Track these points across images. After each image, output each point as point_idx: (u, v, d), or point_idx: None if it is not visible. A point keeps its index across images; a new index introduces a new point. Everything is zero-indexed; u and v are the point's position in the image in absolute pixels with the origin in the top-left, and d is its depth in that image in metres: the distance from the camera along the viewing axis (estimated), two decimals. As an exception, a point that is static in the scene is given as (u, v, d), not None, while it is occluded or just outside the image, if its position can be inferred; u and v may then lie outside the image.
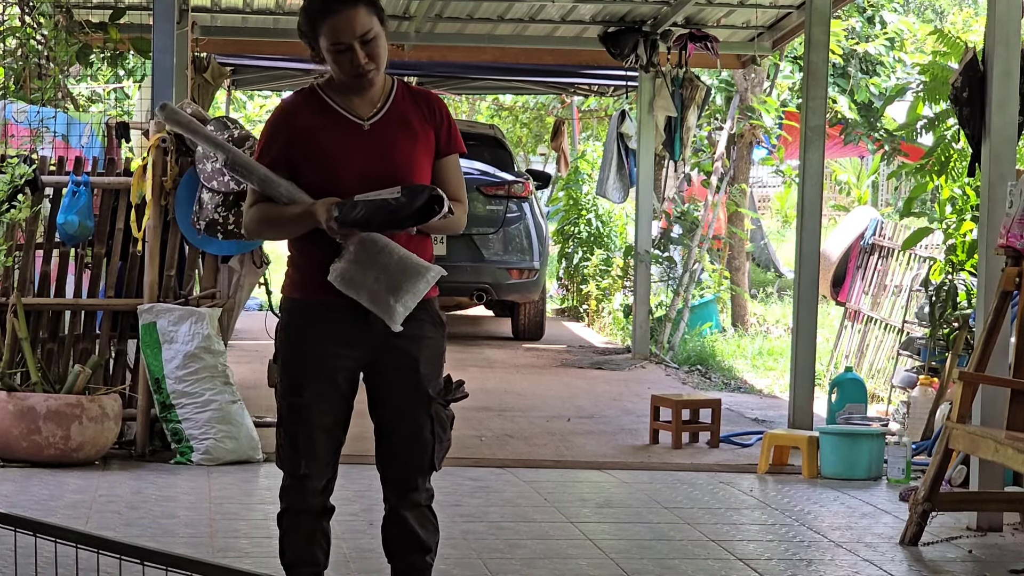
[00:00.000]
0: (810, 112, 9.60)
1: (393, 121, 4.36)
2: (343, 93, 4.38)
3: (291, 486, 4.45)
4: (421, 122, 4.39)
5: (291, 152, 4.35)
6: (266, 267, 8.88)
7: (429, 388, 4.37)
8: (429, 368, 4.38)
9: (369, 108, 4.37)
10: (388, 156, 4.33)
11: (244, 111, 26.37)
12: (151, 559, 3.28)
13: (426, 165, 4.38)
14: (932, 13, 27.25)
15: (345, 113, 4.36)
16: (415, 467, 4.39)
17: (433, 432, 4.37)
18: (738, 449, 9.29)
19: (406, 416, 4.37)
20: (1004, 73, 7.12)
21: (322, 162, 4.32)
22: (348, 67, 4.27)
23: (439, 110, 4.44)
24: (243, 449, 8.21)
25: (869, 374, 12.64)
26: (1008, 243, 6.78)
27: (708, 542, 6.61)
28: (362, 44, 4.26)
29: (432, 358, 4.40)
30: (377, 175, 4.28)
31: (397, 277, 4.23)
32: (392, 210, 4.20)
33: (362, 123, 4.35)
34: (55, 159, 8.78)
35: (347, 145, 4.33)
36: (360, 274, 4.24)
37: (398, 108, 4.39)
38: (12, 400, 7.82)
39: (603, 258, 17.76)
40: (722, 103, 16.60)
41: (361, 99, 4.37)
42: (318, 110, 4.37)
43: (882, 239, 13.65)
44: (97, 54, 11.18)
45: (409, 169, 4.33)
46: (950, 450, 6.77)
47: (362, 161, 4.32)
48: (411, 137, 4.36)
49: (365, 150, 4.33)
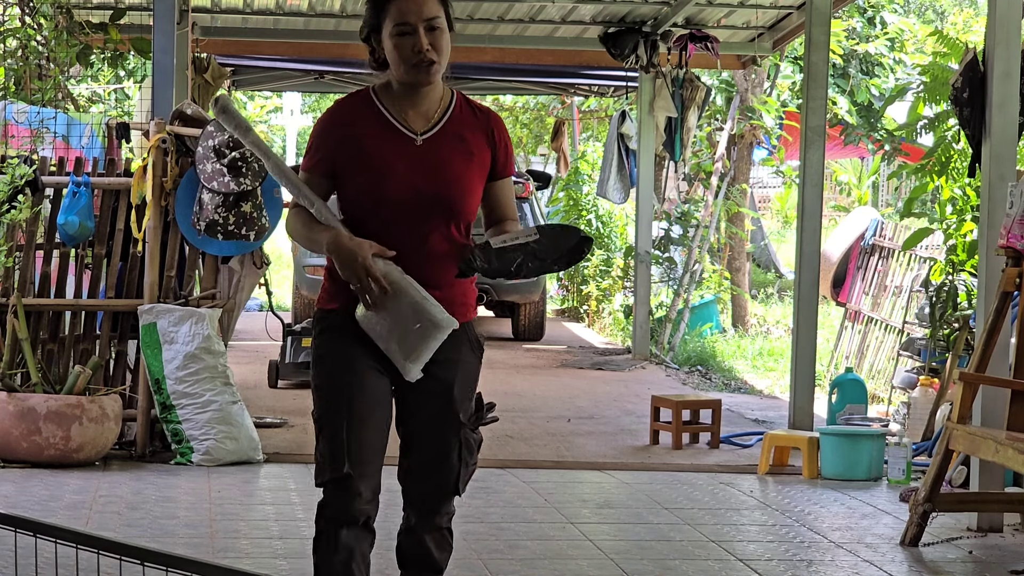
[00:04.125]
0: (810, 112, 9.60)
1: (448, 138, 4.15)
2: (399, 102, 4.16)
3: (332, 494, 4.12)
4: (477, 141, 4.19)
5: (338, 156, 4.14)
6: (266, 268, 8.87)
7: (460, 413, 4.17)
8: (462, 393, 4.19)
9: (424, 122, 4.16)
10: (439, 174, 4.10)
11: (244, 111, 26.36)
12: (151, 559, 3.28)
13: (478, 186, 4.18)
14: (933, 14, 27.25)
15: (398, 125, 4.14)
16: (439, 491, 4.22)
17: (460, 457, 4.19)
18: (738, 450, 9.29)
19: (434, 439, 4.18)
20: (1004, 74, 7.12)
21: (368, 173, 4.11)
22: (409, 53, 4.05)
23: (498, 130, 4.23)
24: (243, 449, 8.21)
25: (869, 375, 12.64)
26: (1008, 244, 6.78)
27: (708, 543, 6.61)
28: (427, 30, 4.07)
29: (466, 383, 4.20)
30: (425, 192, 4.08)
31: (409, 335, 4.03)
32: (539, 256, 3.98)
33: (415, 137, 4.13)
34: (55, 160, 8.77)
35: (396, 159, 4.10)
36: (374, 318, 4.05)
37: (454, 124, 4.18)
38: (12, 401, 7.82)
39: (603, 259, 17.76)
40: (722, 104, 16.60)
41: (417, 110, 4.16)
42: (371, 117, 4.16)
43: (882, 240, 13.65)
44: (97, 55, 11.17)
45: (460, 189, 4.12)
46: (950, 451, 6.77)
47: (410, 177, 4.09)
48: (465, 156, 4.15)
49: (415, 166, 4.10)
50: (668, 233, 15.59)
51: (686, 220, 15.64)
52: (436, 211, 4.09)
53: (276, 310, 11.40)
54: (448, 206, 4.10)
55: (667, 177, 14.40)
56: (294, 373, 11.30)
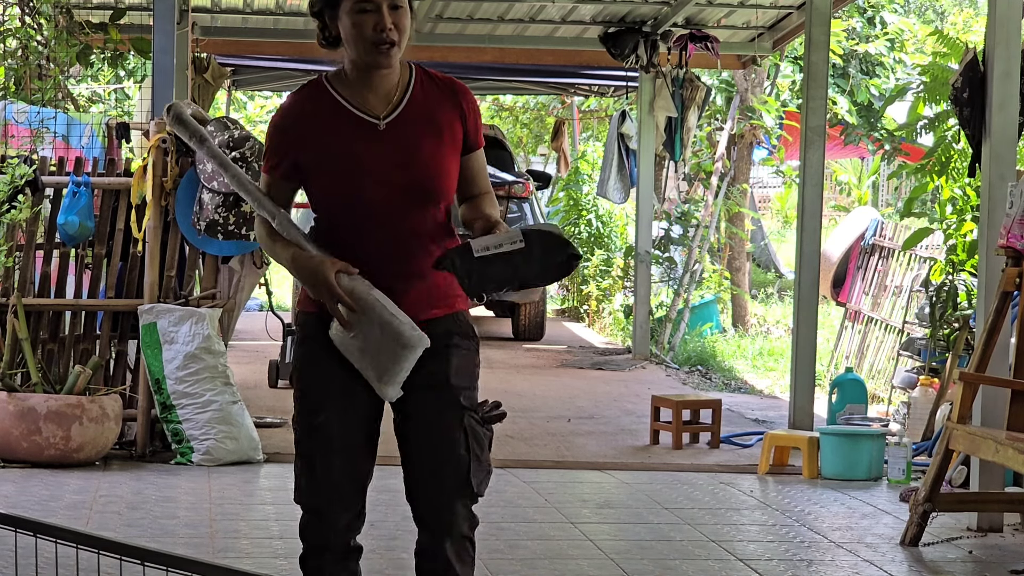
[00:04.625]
0: (810, 112, 9.60)
1: (413, 117, 3.81)
2: (354, 87, 3.83)
3: (309, 522, 3.88)
4: (446, 115, 3.84)
5: (298, 156, 3.82)
6: (266, 267, 8.87)
7: (461, 398, 3.84)
8: (460, 379, 3.85)
9: (384, 104, 3.82)
10: (411, 160, 3.78)
11: (244, 111, 26.36)
12: (151, 559, 3.28)
13: (453, 164, 3.84)
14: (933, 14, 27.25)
15: (357, 111, 3.80)
16: (451, 489, 3.82)
17: (468, 448, 3.82)
18: (738, 450, 9.29)
19: (436, 431, 3.83)
20: (1004, 73, 7.13)
21: (332, 169, 3.78)
22: (370, 31, 3.72)
23: (465, 100, 3.88)
24: (243, 449, 8.21)
25: (869, 375, 12.64)
26: (1008, 243, 6.78)
27: (708, 543, 6.61)
28: (390, 8, 3.74)
29: (463, 368, 3.87)
30: (397, 181, 3.76)
31: (380, 355, 3.74)
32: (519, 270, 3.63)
33: (377, 122, 3.79)
34: (55, 159, 8.77)
35: (360, 149, 3.77)
36: (346, 338, 3.77)
37: (418, 101, 3.83)
38: (12, 401, 7.82)
39: (603, 258, 17.76)
40: (722, 103, 16.60)
41: (375, 93, 3.81)
42: (326, 110, 3.82)
43: (882, 239, 13.65)
44: (97, 55, 11.17)
45: (434, 171, 3.79)
46: (950, 451, 6.77)
47: (378, 166, 3.77)
48: (435, 134, 3.81)
49: (384, 154, 3.78)
50: (668, 233, 15.59)
51: (686, 220, 15.63)
52: (412, 199, 3.79)
53: (276, 310, 11.39)
54: (424, 192, 3.79)
55: (667, 177, 14.40)
56: (294, 373, 11.27)
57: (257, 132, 20.64)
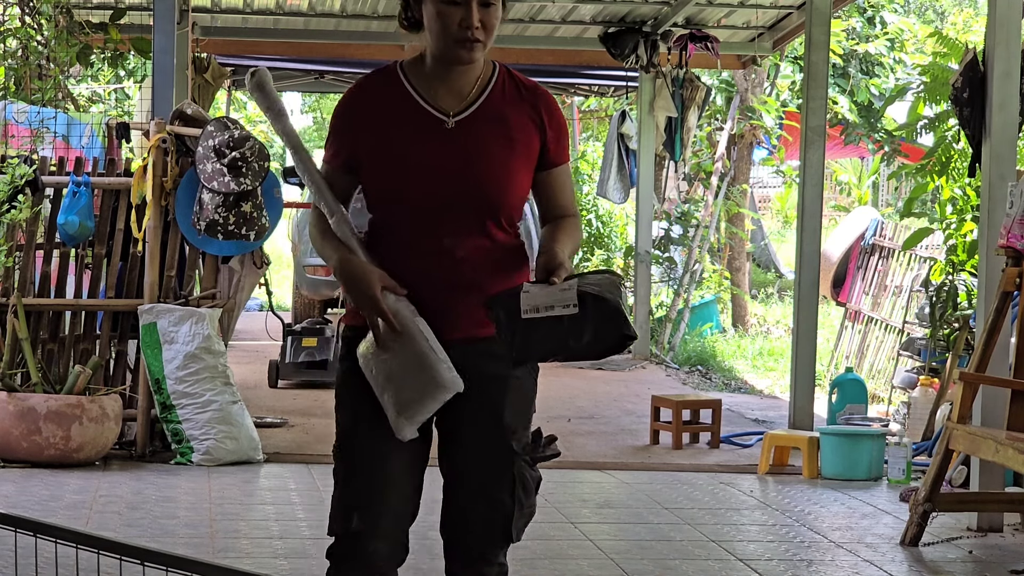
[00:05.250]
0: (810, 112, 9.60)
1: (485, 119, 3.49)
2: (427, 78, 3.51)
3: (340, 549, 3.53)
4: (521, 122, 3.52)
5: (357, 146, 3.51)
6: (266, 268, 8.88)
7: (513, 442, 3.52)
8: (515, 418, 3.53)
9: (457, 101, 3.50)
10: (475, 164, 3.46)
11: (244, 111, 26.35)
12: (151, 559, 3.28)
13: (523, 176, 3.51)
14: (932, 14, 27.24)
15: (425, 105, 3.49)
16: (488, 537, 3.60)
17: (514, 496, 3.55)
18: (738, 450, 9.29)
19: (482, 474, 3.53)
20: (1004, 73, 7.13)
21: (390, 164, 3.47)
22: (455, 27, 3.41)
23: (547, 110, 3.55)
24: (243, 449, 8.21)
25: (869, 375, 12.64)
26: (1008, 243, 6.78)
27: (708, 543, 6.61)
28: (480, 4, 3.44)
29: (520, 405, 3.54)
30: (458, 185, 3.45)
31: (406, 388, 3.43)
32: (567, 342, 3.32)
33: (445, 119, 3.48)
34: (55, 159, 8.77)
35: (423, 147, 3.46)
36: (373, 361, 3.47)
37: (494, 103, 3.52)
38: (12, 400, 7.82)
39: (603, 259, 17.76)
40: (722, 103, 16.60)
41: (449, 88, 3.50)
42: (395, 97, 3.50)
43: (882, 239, 13.65)
44: (97, 55, 11.18)
45: (500, 179, 3.47)
46: (950, 451, 6.77)
47: (440, 167, 3.45)
48: (506, 141, 3.49)
49: (447, 154, 3.46)
50: (668, 233, 15.59)
51: (686, 220, 15.64)
52: (472, 207, 3.47)
53: (276, 310, 11.40)
54: (486, 201, 3.47)
55: (667, 177, 14.40)
56: (294, 373, 11.30)
57: (257, 132, 20.63)
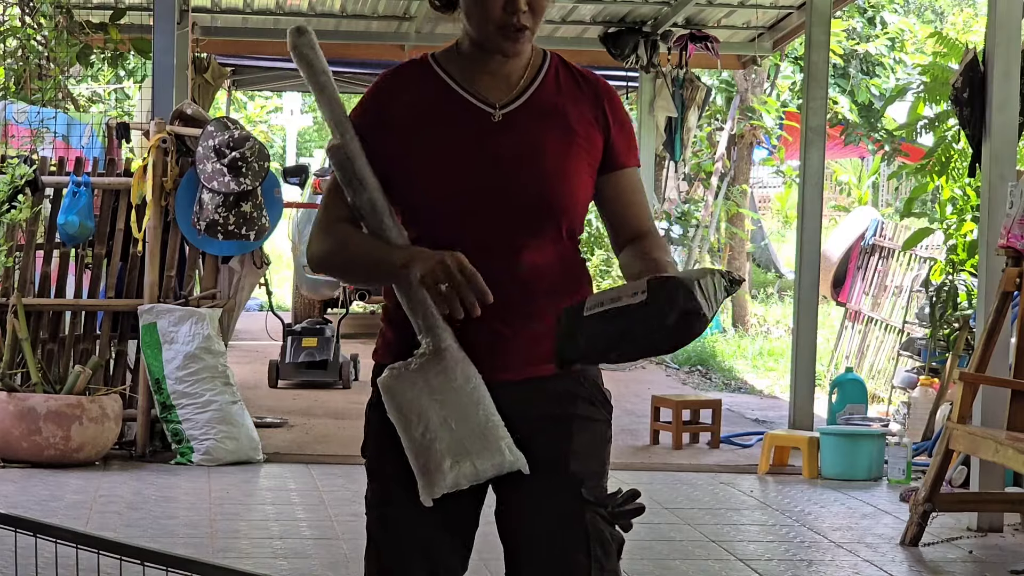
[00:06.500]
0: (810, 112, 9.60)
1: (539, 111, 2.92)
2: (467, 66, 2.97)
3: None
4: (581, 116, 2.94)
5: (386, 143, 2.92)
6: (266, 268, 8.88)
7: (584, 490, 2.89)
8: (585, 462, 2.91)
9: (504, 91, 2.93)
10: (530, 162, 2.89)
11: (244, 111, 26.37)
12: (151, 559, 3.28)
13: (585, 176, 2.93)
14: (932, 14, 27.25)
15: (468, 96, 2.93)
16: None
17: (590, 554, 2.87)
18: (738, 450, 9.29)
19: (548, 530, 2.90)
20: (1004, 74, 7.13)
21: (428, 163, 2.89)
22: (499, 12, 2.87)
23: (610, 103, 2.97)
24: (243, 449, 8.21)
25: (869, 375, 12.64)
26: (1008, 243, 6.78)
27: (708, 543, 6.61)
28: None
29: (589, 448, 2.93)
30: (509, 187, 2.87)
31: (449, 440, 2.82)
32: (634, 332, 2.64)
33: (492, 111, 2.91)
34: (55, 159, 8.78)
35: (467, 143, 2.89)
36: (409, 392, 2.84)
37: (548, 93, 2.95)
38: (12, 400, 7.82)
39: (603, 259, 17.75)
40: (722, 103, 16.60)
41: (493, 76, 2.94)
42: (430, 88, 2.95)
43: (882, 239, 13.65)
44: (97, 55, 11.18)
45: (559, 179, 2.90)
46: (951, 451, 6.77)
47: (489, 168, 2.88)
48: (565, 136, 2.91)
49: (495, 152, 2.88)
50: (668, 233, 15.59)
51: (686, 220, 15.64)
52: (528, 213, 2.88)
53: (276, 310, 11.40)
54: (545, 204, 2.88)
55: (667, 177, 14.40)
56: (294, 373, 11.30)
57: (257, 132, 20.64)
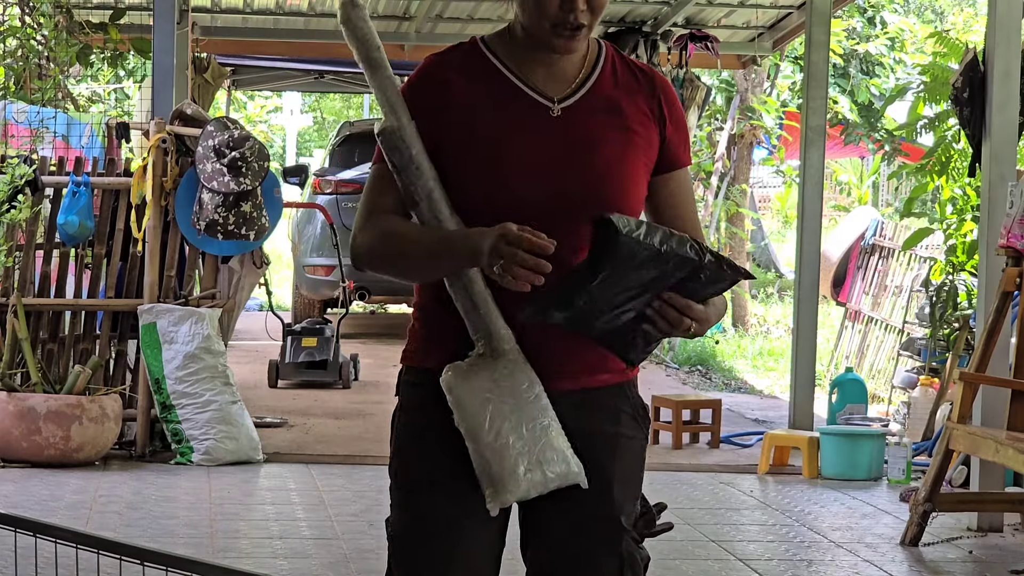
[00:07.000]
0: (810, 112, 9.60)
1: (597, 107, 2.82)
2: (522, 56, 2.82)
3: None
4: (639, 113, 2.84)
5: (434, 135, 2.78)
6: (266, 267, 8.88)
7: (622, 516, 2.82)
8: (625, 490, 2.83)
9: (561, 85, 2.82)
10: (589, 159, 2.78)
11: (244, 111, 26.38)
12: (151, 559, 3.28)
13: (643, 179, 2.84)
14: (932, 14, 27.26)
15: (525, 88, 2.80)
16: None
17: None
18: (738, 449, 9.29)
19: (583, 556, 2.86)
20: (1004, 73, 7.13)
21: (480, 158, 2.76)
22: (555, 9, 2.73)
23: (667, 97, 2.87)
24: (243, 449, 8.21)
25: (869, 374, 12.64)
26: (1009, 243, 6.78)
27: (708, 542, 6.61)
28: None
29: (630, 471, 2.85)
30: (571, 189, 2.76)
31: (537, 444, 2.79)
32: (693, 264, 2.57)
33: (551, 106, 2.79)
34: (55, 159, 8.78)
35: (523, 137, 2.77)
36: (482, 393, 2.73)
37: (606, 87, 2.84)
38: (12, 400, 7.82)
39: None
40: (722, 103, 16.60)
41: (548, 68, 2.82)
42: (483, 77, 2.81)
43: (882, 239, 13.65)
44: (97, 54, 11.17)
45: (620, 181, 2.79)
46: (951, 451, 6.77)
47: (547, 165, 2.77)
48: (623, 132, 2.81)
49: (552, 147, 2.77)
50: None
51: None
52: (584, 212, 2.72)
53: (276, 310, 11.40)
54: (605, 205, 2.71)
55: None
56: (294, 373, 11.30)
57: (257, 132, 20.64)
